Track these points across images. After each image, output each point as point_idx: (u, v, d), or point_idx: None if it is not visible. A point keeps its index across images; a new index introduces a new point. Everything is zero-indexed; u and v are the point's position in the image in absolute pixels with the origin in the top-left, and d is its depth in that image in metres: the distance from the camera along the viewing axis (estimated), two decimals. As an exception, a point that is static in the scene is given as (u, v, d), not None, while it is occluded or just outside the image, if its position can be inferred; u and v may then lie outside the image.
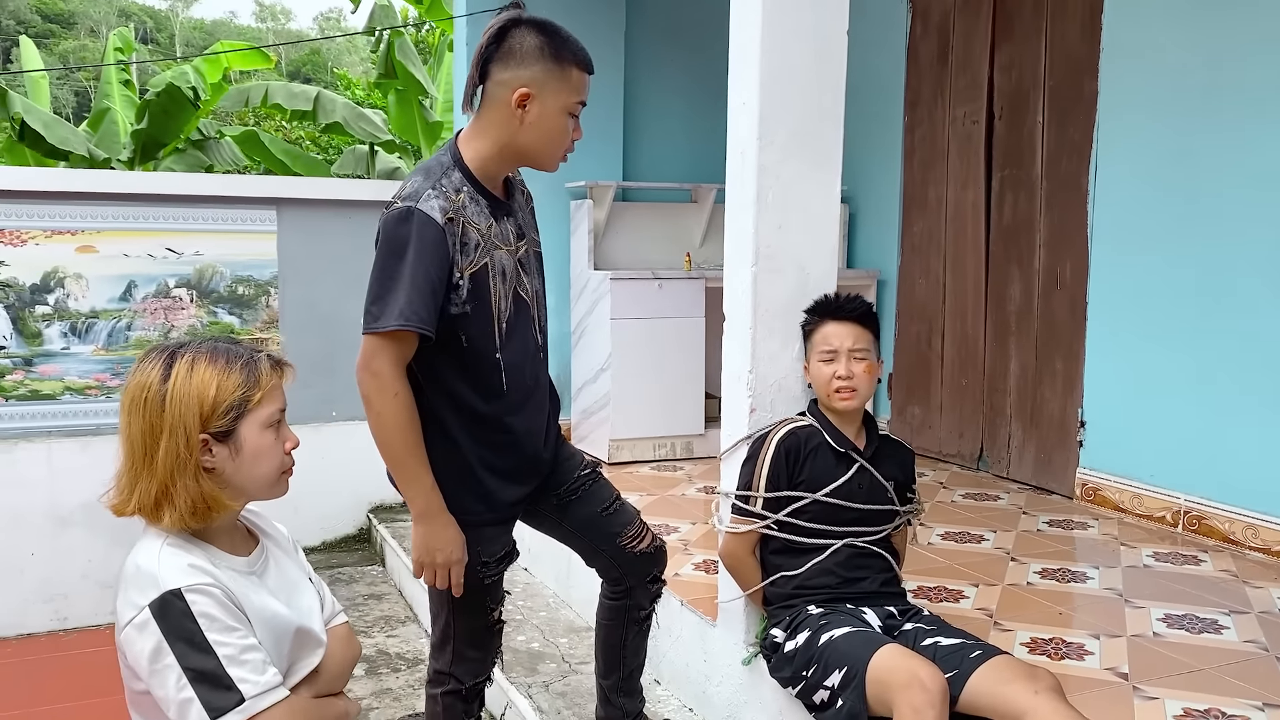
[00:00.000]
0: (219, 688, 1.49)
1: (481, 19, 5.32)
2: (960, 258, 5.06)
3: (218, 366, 1.61)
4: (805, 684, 2.43)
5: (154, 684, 1.50)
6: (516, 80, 2.15)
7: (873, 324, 2.65)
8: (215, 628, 1.51)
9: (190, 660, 1.48)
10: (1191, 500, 3.91)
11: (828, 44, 2.71)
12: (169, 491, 1.57)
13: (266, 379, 1.65)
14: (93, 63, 29.92)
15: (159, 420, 1.57)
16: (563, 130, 2.22)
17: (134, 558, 1.58)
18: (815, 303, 2.71)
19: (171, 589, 1.50)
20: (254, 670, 1.52)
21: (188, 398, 1.58)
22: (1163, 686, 2.57)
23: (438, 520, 2.19)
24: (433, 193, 2.14)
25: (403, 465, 2.16)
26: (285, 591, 1.72)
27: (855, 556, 2.60)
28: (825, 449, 2.61)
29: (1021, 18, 4.68)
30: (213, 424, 1.59)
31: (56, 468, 4.88)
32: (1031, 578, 3.40)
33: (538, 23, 2.20)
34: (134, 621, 1.50)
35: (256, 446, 1.63)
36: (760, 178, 2.66)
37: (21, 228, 4.81)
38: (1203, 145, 3.84)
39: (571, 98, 2.20)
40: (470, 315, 2.19)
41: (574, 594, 4.02)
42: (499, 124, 2.19)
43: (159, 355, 1.63)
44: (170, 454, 1.56)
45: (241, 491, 1.65)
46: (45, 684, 4.36)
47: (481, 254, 2.19)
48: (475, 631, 2.41)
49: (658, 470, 4.99)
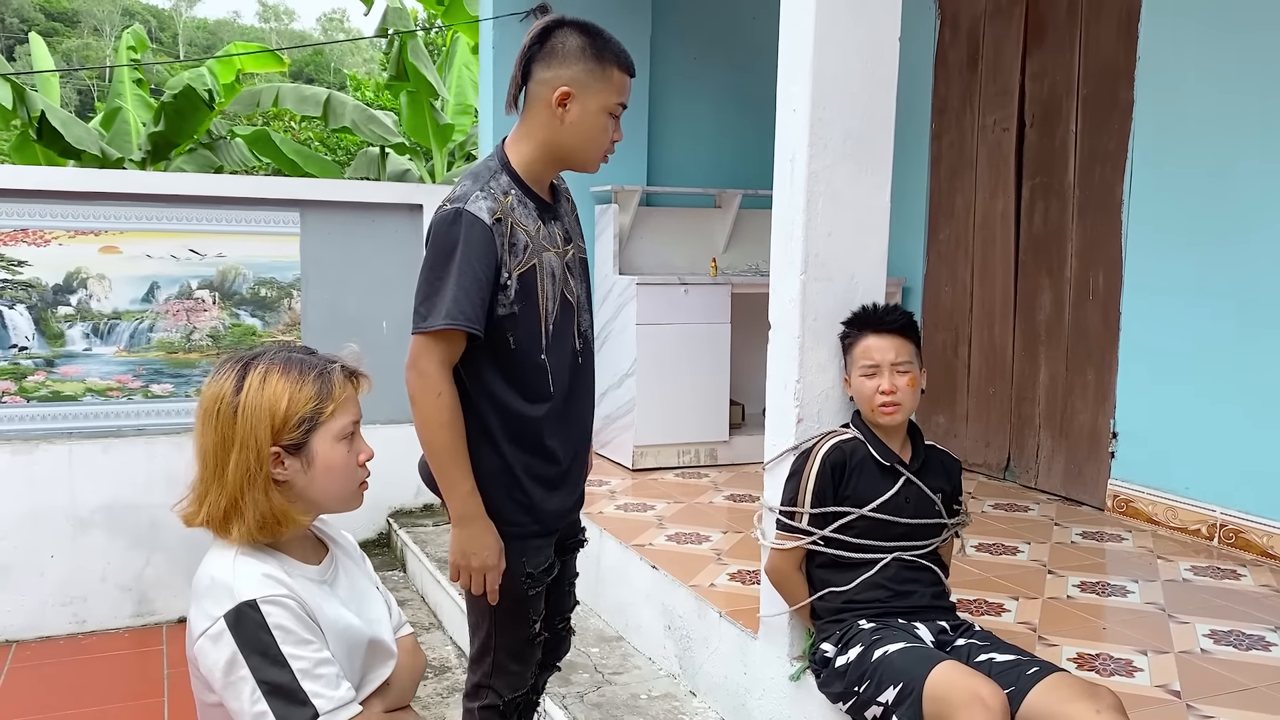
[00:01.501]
0: (293, 702, 1.46)
1: (507, 22, 5.29)
2: (989, 266, 5.02)
3: (290, 378, 1.58)
4: (857, 700, 2.39)
5: (228, 696, 1.47)
6: (558, 79, 2.15)
7: (914, 335, 2.61)
8: (290, 640, 1.48)
9: (265, 673, 1.45)
10: (1228, 513, 3.87)
11: (879, 51, 2.68)
12: (238, 505, 1.54)
13: (340, 390, 1.62)
14: (99, 63, 29.94)
15: (231, 432, 1.54)
16: (603, 130, 2.22)
17: (207, 569, 1.55)
18: (854, 314, 2.66)
19: (247, 600, 1.48)
20: (328, 685, 1.49)
21: (259, 410, 1.55)
22: (1217, 705, 2.54)
23: (476, 525, 2.16)
24: (481, 194, 2.14)
25: (443, 467, 2.15)
26: (356, 602, 1.69)
27: (904, 570, 2.57)
28: (870, 463, 2.57)
29: (1055, 24, 4.65)
30: (284, 437, 1.56)
31: (77, 469, 4.84)
32: (1071, 591, 3.36)
33: (580, 24, 2.20)
34: (208, 633, 1.47)
35: (328, 459, 1.60)
36: (810, 184, 2.63)
37: (45, 227, 4.78)
38: (1243, 155, 3.80)
39: (612, 98, 2.20)
40: (518, 316, 2.18)
41: (603, 603, 3.98)
42: (541, 124, 2.20)
43: (234, 365, 1.60)
44: (240, 467, 1.53)
45: (314, 505, 1.62)
46: (64, 688, 4.32)
47: (530, 255, 2.19)
48: (516, 643, 2.36)
49: (682, 477, 4.95)
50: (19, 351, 4.81)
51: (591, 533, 4.07)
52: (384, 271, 5.34)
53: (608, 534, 3.96)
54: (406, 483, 5.40)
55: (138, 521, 4.95)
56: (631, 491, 4.66)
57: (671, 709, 3.20)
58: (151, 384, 5.04)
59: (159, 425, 5.06)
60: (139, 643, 4.80)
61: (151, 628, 4.97)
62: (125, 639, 4.86)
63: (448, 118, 12.19)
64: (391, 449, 3.28)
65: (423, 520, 5.39)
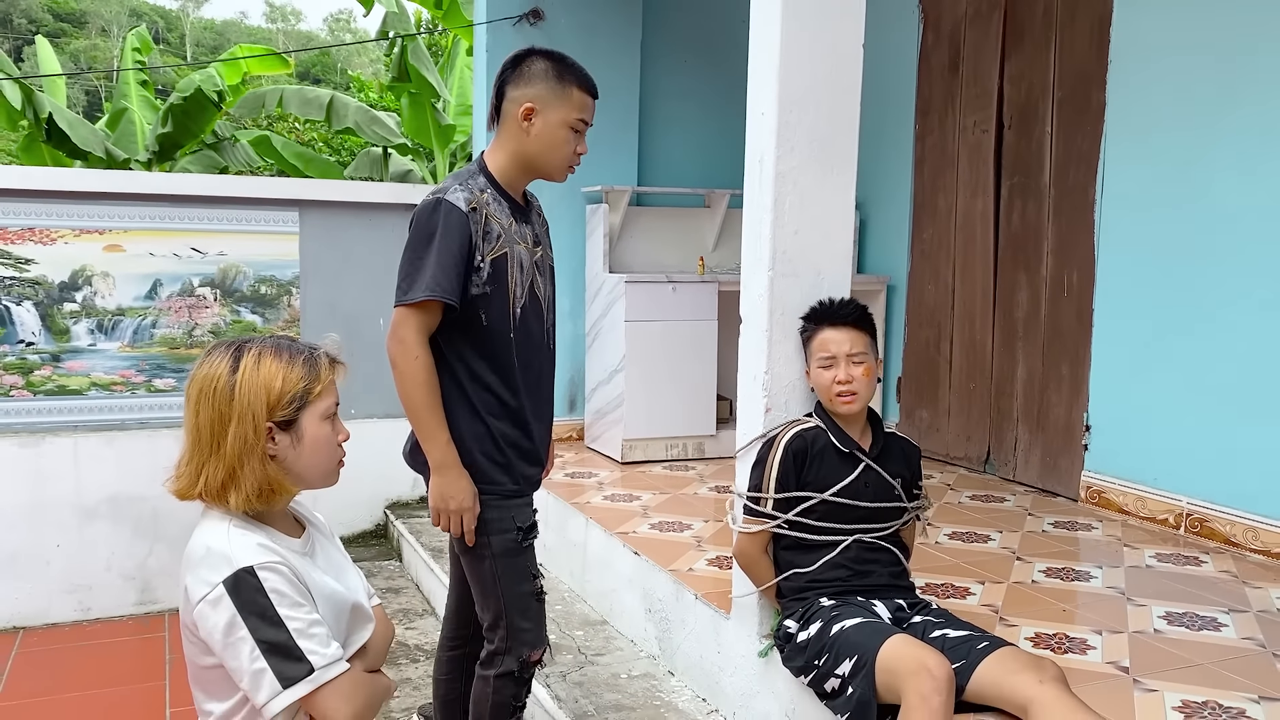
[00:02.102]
0: (290, 659, 1.58)
1: (500, 26, 5.43)
2: (969, 264, 5.15)
3: (282, 360, 1.71)
4: (817, 673, 2.53)
5: (227, 656, 1.59)
6: (524, 97, 2.49)
7: (869, 326, 2.75)
8: (285, 603, 1.60)
9: (263, 633, 1.57)
10: (1194, 503, 4.00)
11: (844, 57, 2.81)
12: (236, 475, 1.66)
13: (325, 373, 1.75)
14: (107, 63, 30.09)
15: (228, 409, 1.67)
16: (564, 141, 2.52)
17: (201, 540, 1.67)
18: (811, 309, 2.79)
19: (244, 566, 1.60)
20: (320, 643, 1.62)
21: (256, 387, 1.67)
22: (1162, 680, 2.66)
23: (452, 471, 2.45)
24: (459, 188, 2.47)
25: (422, 420, 2.43)
26: (334, 572, 1.82)
27: (864, 551, 2.70)
28: (831, 450, 2.70)
29: (1032, 30, 4.77)
30: (277, 413, 1.69)
31: (82, 462, 4.99)
32: (1036, 576, 3.49)
33: (548, 53, 2.55)
34: (207, 598, 1.59)
35: (315, 436, 1.73)
36: (778, 185, 2.76)
37: (51, 226, 4.93)
38: (1209, 157, 3.93)
39: (572, 114, 2.52)
40: (490, 296, 2.48)
41: (589, 589, 4.12)
42: (511, 136, 2.54)
43: (226, 349, 1.73)
44: (239, 440, 1.66)
45: (300, 478, 1.75)
46: (70, 672, 4.46)
47: (502, 244, 2.49)
48: (523, 599, 2.58)
49: (670, 470, 5.08)
50: (26, 347, 4.96)
51: (578, 522, 4.23)
52: (380, 269, 5.49)
53: (594, 523, 4.09)
54: (404, 475, 5.57)
55: (141, 512, 5.10)
56: (620, 484, 4.79)
57: (650, 687, 3.33)
58: (154, 379, 5.19)
59: (161, 419, 5.20)
60: (142, 629, 4.95)
61: (154, 615, 5.12)
62: (129, 626, 5.01)
63: (449, 118, 12.32)
64: (389, 443, 3.41)
65: (419, 511, 5.53)
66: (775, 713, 2.84)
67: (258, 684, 1.58)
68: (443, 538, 5.07)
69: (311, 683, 1.60)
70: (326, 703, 1.62)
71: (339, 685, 1.63)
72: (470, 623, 2.76)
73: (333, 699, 1.63)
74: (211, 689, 1.70)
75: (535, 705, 3.28)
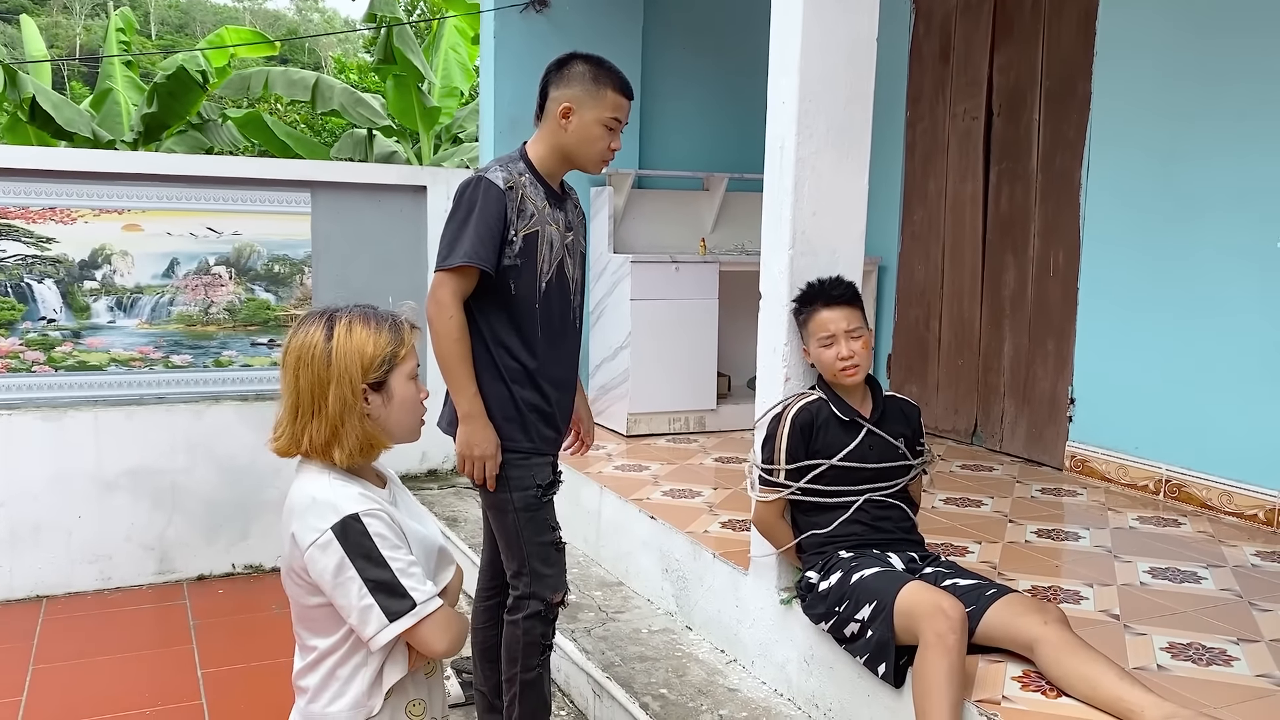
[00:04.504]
0: (395, 595, 1.76)
1: (508, 13, 5.58)
2: (959, 246, 5.38)
3: (370, 327, 1.88)
4: (838, 619, 2.75)
5: (337, 595, 1.76)
6: (563, 97, 2.74)
7: (859, 302, 2.96)
8: (387, 545, 1.78)
9: (369, 573, 1.75)
10: (1173, 470, 4.26)
11: (859, 48, 3.02)
12: (338, 433, 1.83)
13: (408, 337, 1.93)
14: (69, 42, 29.71)
15: (326, 373, 1.83)
16: (597, 138, 2.76)
17: (305, 491, 1.83)
18: (803, 292, 2.98)
19: (350, 513, 1.77)
20: (419, 581, 1.80)
21: (350, 353, 1.84)
22: (1150, 625, 2.91)
23: (478, 421, 2.69)
24: (499, 169, 2.74)
25: (453, 372, 2.68)
26: (417, 519, 2.01)
27: (876, 509, 2.91)
28: (834, 419, 2.91)
29: (1020, 20, 5.00)
30: (370, 375, 1.86)
31: (102, 435, 5.13)
32: (1029, 536, 3.73)
33: (588, 56, 2.79)
34: (317, 543, 1.76)
35: (404, 395, 1.91)
36: (798, 169, 2.96)
37: (71, 206, 5.05)
38: (1190, 144, 4.17)
39: (605, 113, 2.75)
40: (519, 268, 2.71)
41: (603, 553, 4.33)
42: (551, 131, 2.79)
43: (319, 319, 1.89)
44: (339, 400, 1.83)
45: (390, 435, 1.92)
46: (97, 638, 4.62)
47: (535, 222, 2.74)
48: (544, 548, 2.82)
49: (673, 442, 5.29)
50: (48, 324, 5.09)
51: (591, 490, 4.43)
52: (390, 248, 5.65)
53: (608, 490, 4.30)
54: (412, 449, 5.76)
55: (159, 485, 5.25)
56: (627, 455, 5.00)
57: (670, 640, 3.55)
58: (172, 354, 5.33)
59: (179, 394, 5.35)
60: (162, 598, 5.11)
61: (172, 584, 5.28)
62: (149, 594, 5.17)
63: (434, 100, 12.42)
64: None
65: (428, 484, 5.72)
66: (794, 659, 3.06)
67: (366, 619, 1.75)
68: (454, 507, 5.26)
69: (415, 616, 1.77)
70: (427, 635, 1.80)
71: (437, 618, 1.81)
72: (502, 573, 2.96)
73: (432, 631, 1.81)
74: (316, 626, 1.87)
75: (564, 659, 3.49)
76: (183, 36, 32.23)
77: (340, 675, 1.84)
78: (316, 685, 1.86)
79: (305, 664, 1.89)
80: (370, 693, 1.83)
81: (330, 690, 1.85)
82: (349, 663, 1.84)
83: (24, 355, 5.05)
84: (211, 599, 5.10)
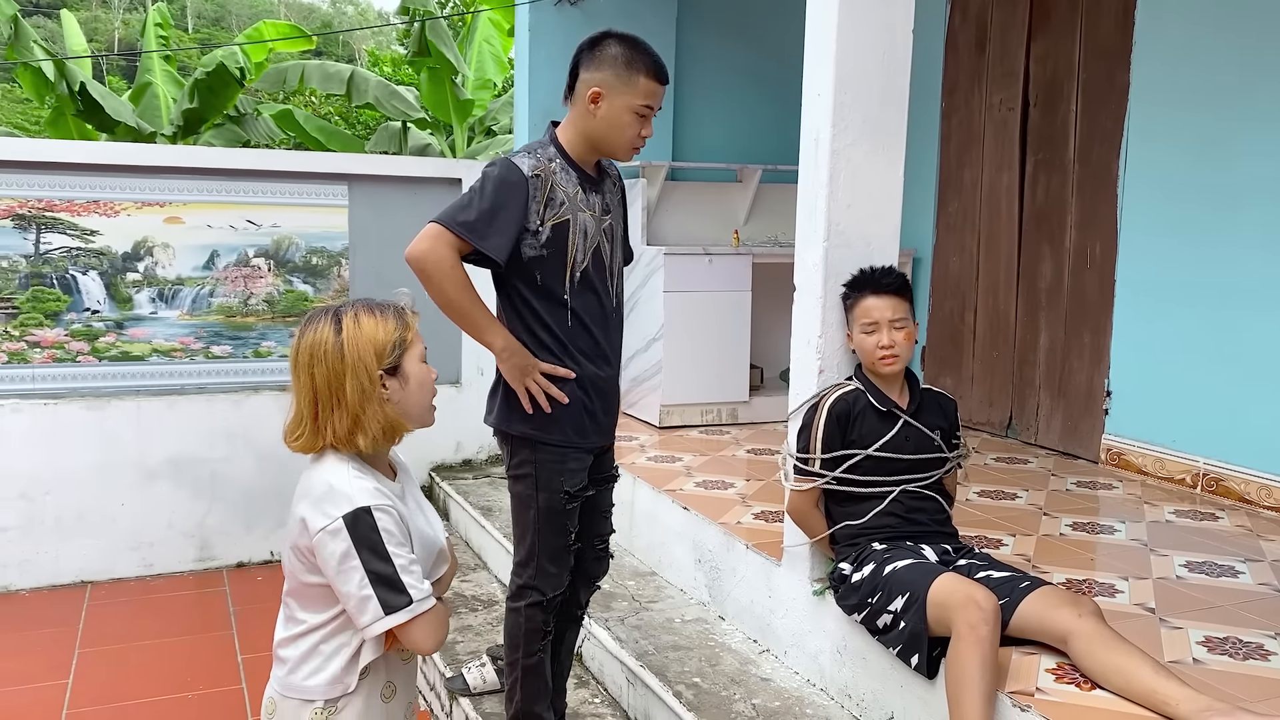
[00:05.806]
0: (394, 590, 1.82)
1: (543, 5, 5.61)
2: (994, 237, 5.35)
3: (376, 316, 1.92)
4: (870, 610, 2.76)
5: (339, 581, 1.82)
6: (593, 80, 2.63)
7: (908, 293, 2.96)
8: (393, 541, 1.83)
9: (372, 565, 1.81)
10: (1210, 463, 4.22)
11: (894, 40, 3.01)
12: (360, 421, 1.88)
13: (412, 321, 1.97)
14: (107, 36, 30.06)
15: (340, 366, 1.87)
16: (627, 125, 2.65)
17: (323, 477, 1.87)
18: (854, 277, 2.99)
19: (362, 506, 1.82)
20: (417, 579, 1.86)
21: (362, 343, 1.88)
22: (1186, 619, 2.90)
23: (519, 353, 2.65)
24: (526, 155, 2.66)
25: (471, 318, 2.62)
26: (422, 513, 2.05)
27: (911, 500, 2.92)
28: (871, 410, 2.92)
29: (1058, 10, 4.96)
30: (385, 361, 1.90)
31: (145, 425, 5.22)
32: (1064, 529, 3.72)
33: (623, 37, 2.67)
34: (328, 529, 1.81)
35: (418, 375, 1.96)
36: (833, 162, 2.97)
37: (115, 199, 5.14)
38: (1230, 136, 4.12)
39: (636, 100, 2.63)
40: (546, 259, 2.64)
41: (637, 544, 4.35)
42: (579, 115, 2.68)
43: (324, 316, 1.92)
44: (356, 390, 1.87)
45: (409, 417, 1.96)
46: (140, 623, 4.71)
47: (565, 211, 2.65)
48: (556, 549, 2.80)
49: (705, 434, 5.31)
50: (92, 315, 5.18)
51: (624, 481, 4.45)
52: (425, 241, 5.69)
53: (640, 481, 4.33)
54: (447, 440, 5.82)
55: (199, 474, 5.34)
56: (659, 446, 5.02)
57: (703, 630, 3.58)
58: (212, 345, 5.41)
59: (219, 384, 5.43)
60: (202, 584, 5.20)
61: (213, 571, 5.37)
62: (190, 581, 5.26)
63: (468, 93, 12.49)
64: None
65: (463, 474, 5.77)
66: (827, 650, 3.08)
67: (363, 608, 1.81)
68: (489, 497, 5.31)
69: (409, 613, 1.83)
70: (416, 632, 1.87)
71: (428, 618, 1.87)
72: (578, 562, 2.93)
73: (422, 629, 1.87)
74: (309, 603, 1.92)
75: (598, 647, 3.53)
76: (219, 30, 32.56)
77: (323, 651, 1.91)
78: (298, 658, 1.93)
79: (289, 635, 1.95)
80: (347, 670, 1.90)
81: (311, 664, 1.92)
82: (333, 640, 1.91)
83: (69, 346, 5.15)
84: (250, 585, 5.18)
